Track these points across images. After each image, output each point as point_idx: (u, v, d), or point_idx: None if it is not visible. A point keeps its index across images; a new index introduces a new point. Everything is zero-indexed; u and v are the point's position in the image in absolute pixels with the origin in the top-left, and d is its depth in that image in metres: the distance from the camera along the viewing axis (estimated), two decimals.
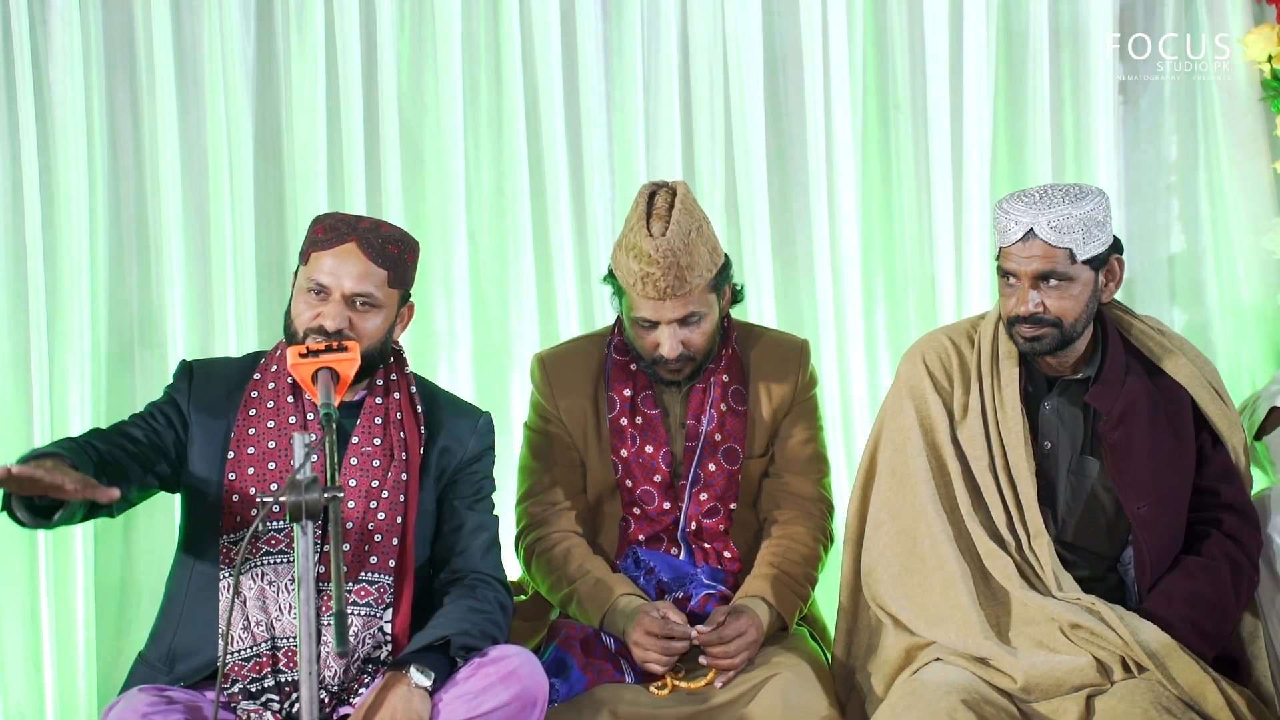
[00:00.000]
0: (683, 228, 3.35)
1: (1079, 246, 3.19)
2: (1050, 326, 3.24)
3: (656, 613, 3.36)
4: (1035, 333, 3.25)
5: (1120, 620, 3.15)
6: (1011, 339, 3.32)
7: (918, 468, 3.36)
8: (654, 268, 3.33)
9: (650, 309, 3.41)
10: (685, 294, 3.38)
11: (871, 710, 3.25)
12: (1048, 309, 3.23)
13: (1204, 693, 3.07)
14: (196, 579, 3.11)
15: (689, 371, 3.50)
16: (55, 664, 4.09)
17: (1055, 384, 3.37)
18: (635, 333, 3.49)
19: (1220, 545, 3.30)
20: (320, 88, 4.23)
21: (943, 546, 3.29)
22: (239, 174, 4.20)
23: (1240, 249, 4.43)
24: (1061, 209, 3.18)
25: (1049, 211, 3.18)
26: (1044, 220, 3.18)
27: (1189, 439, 3.35)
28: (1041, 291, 3.22)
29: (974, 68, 4.41)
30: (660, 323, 3.42)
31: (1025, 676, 3.11)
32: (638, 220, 3.38)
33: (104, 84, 4.17)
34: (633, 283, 3.39)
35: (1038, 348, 3.28)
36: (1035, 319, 3.24)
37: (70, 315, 4.11)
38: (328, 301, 3.10)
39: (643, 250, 3.34)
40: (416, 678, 2.95)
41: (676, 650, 3.35)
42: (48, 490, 2.67)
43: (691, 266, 3.36)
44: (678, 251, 3.34)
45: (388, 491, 3.15)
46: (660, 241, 3.33)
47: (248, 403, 3.17)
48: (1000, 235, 3.26)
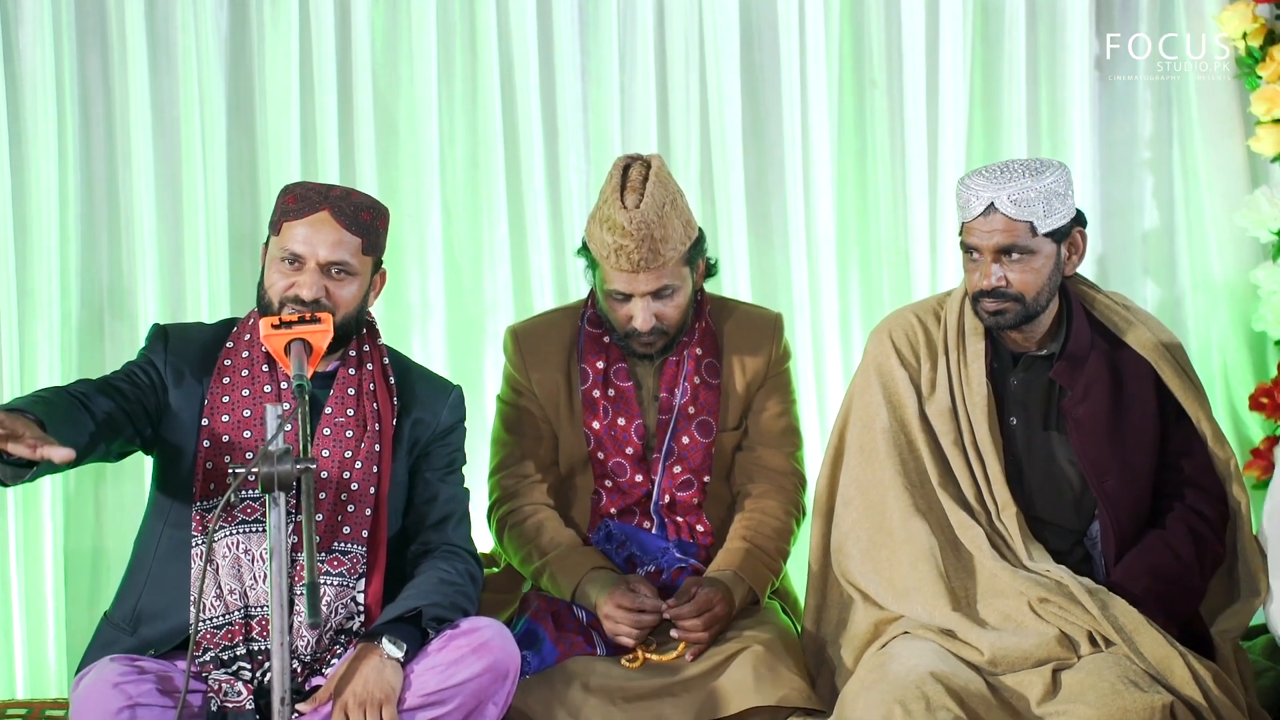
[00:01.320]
0: (657, 200, 3.35)
1: (1039, 220, 3.22)
2: (1013, 300, 3.27)
3: (627, 586, 3.37)
4: (998, 306, 3.27)
5: (1088, 594, 3.17)
6: (976, 314, 3.34)
7: (886, 444, 3.37)
8: (628, 240, 3.33)
9: (623, 281, 3.41)
10: (659, 267, 3.38)
11: (841, 683, 3.26)
12: (1010, 283, 3.26)
13: (1171, 667, 3.09)
14: (166, 542, 3.10)
15: (661, 345, 3.50)
16: (25, 634, 4.08)
17: (1020, 360, 3.39)
18: (608, 305, 3.48)
19: (1184, 518, 3.33)
20: (294, 57, 4.21)
21: (911, 520, 3.31)
22: (211, 143, 4.18)
23: (1213, 225, 4.46)
24: (1022, 182, 3.21)
25: (1009, 185, 3.21)
26: (1004, 194, 3.20)
27: (1152, 414, 3.37)
28: (1004, 265, 3.25)
29: (950, 43, 4.41)
30: (634, 295, 3.42)
31: (992, 650, 3.13)
32: (612, 192, 3.38)
33: (75, 52, 4.14)
34: (606, 255, 3.39)
35: (1001, 322, 3.30)
36: (998, 293, 3.26)
37: (41, 285, 4.09)
38: (302, 271, 3.09)
39: (616, 222, 3.33)
40: (388, 649, 2.96)
41: (647, 624, 3.35)
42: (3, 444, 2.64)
43: (665, 239, 3.36)
44: (651, 224, 3.33)
45: (360, 462, 3.14)
46: (634, 214, 3.32)
47: (222, 370, 3.16)
48: (962, 210, 3.29)
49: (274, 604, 2.61)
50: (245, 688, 2.99)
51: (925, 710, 2.98)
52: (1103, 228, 4.48)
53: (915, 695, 3.00)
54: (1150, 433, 3.36)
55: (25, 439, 2.63)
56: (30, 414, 2.74)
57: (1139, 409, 3.36)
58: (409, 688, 2.96)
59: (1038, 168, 3.24)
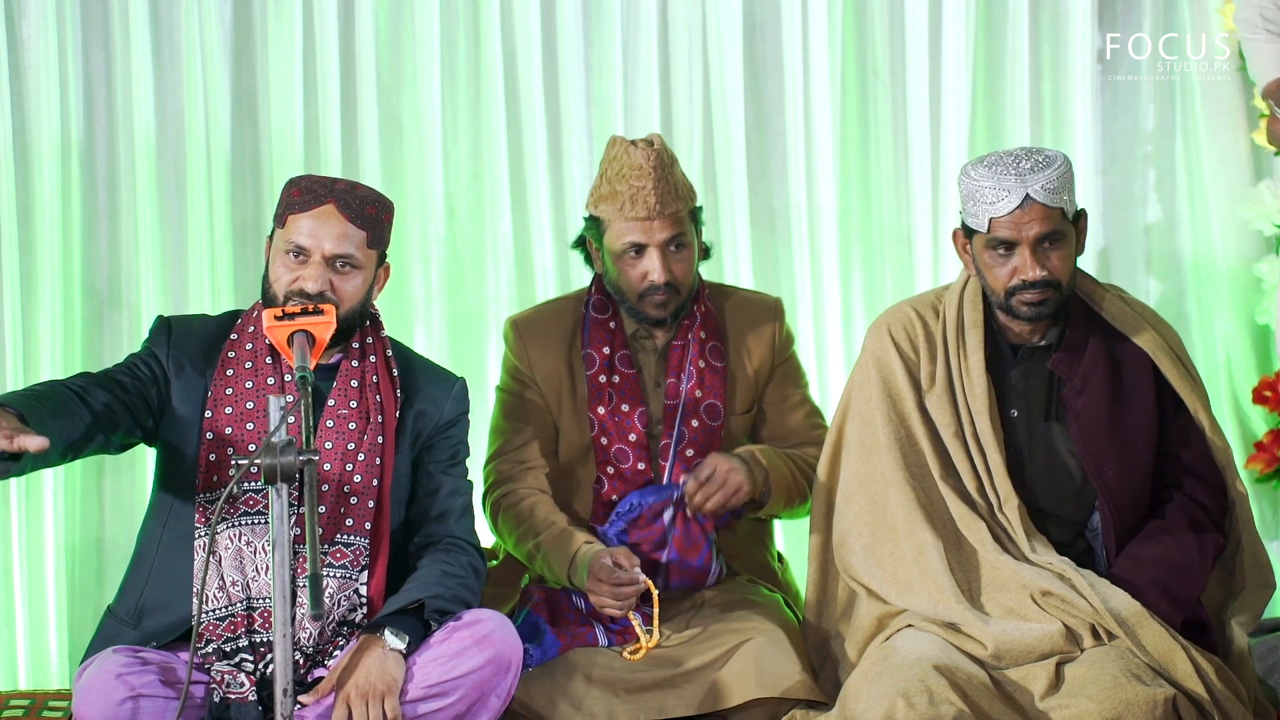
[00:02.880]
0: (667, 149, 3.52)
1: (1068, 205, 3.25)
2: (1053, 289, 3.26)
3: (608, 559, 3.36)
4: (1040, 297, 3.25)
5: (1090, 587, 3.17)
6: (1008, 312, 3.31)
7: (886, 438, 3.37)
8: (645, 180, 3.44)
9: (640, 231, 3.47)
10: (673, 213, 3.48)
11: (844, 676, 3.26)
12: (1051, 271, 3.24)
13: (1173, 660, 3.09)
14: (169, 534, 3.10)
15: (674, 308, 3.53)
16: (27, 625, 4.08)
17: (1020, 351, 3.39)
18: (620, 269, 3.52)
19: (1183, 508, 3.33)
20: (297, 49, 4.21)
21: (913, 514, 3.31)
22: (215, 136, 4.18)
23: (1216, 218, 4.45)
24: (1046, 172, 3.21)
25: (1037, 175, 3.20)
26: (1037, 184, 3.20)
27: (1150, 405, 3.37)
28: (1039, 255, 3.24)
29: (953, 35, 4.41)
30: (649, 246, 3.47)
31: (995, 643, 3.13)
32: (622, 148, 3.50)
33: (79, 43, 4.14)
34: (621, 206, 3.46)
35: (1043, 312, 3.29)
36: (1041, 283, 3.24)
37: (44, 276, 4.09)
38: (308, 264, 3.09)
39: (634, 163, 3.46)
40: (391, 641, 2.96)
41: (628, 594, 3.34)
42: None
43: (678, 184, 3.51)
44: (666, 165, 3.48)
45: (364, 454, 3.14)
46: (650, 152, 3.46)
47: (225, 362, 3.16)
48: (987, 207, 3.23)
49: (276, 596, 2.61)
50: (248, 679, 2.99)
51: (928, 703, 2.98)
52: (1105, 220, 4.48)
53: (919, 688, 3.00)
54: (1149, 423, 3.36)
55: (1, 430, 2.64)
56: (11, 409, 2.75)
57: (1138, 400, 3.36)
58: (411, 679, 2.96)
59: (1051, 156, 3.24)
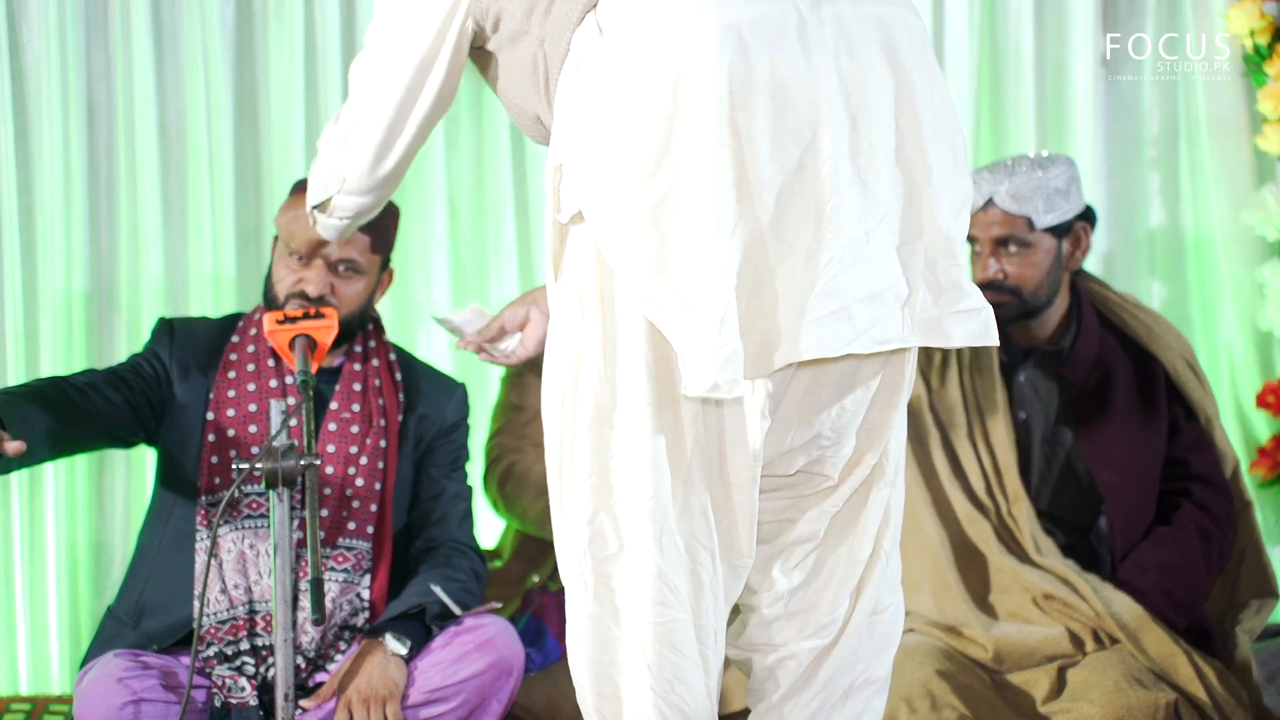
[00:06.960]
0: None
1: (1038, 215, 3.26)
2: (1010, 294, 3.29)
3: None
4: (995, 299, 3.28)
5: (1093, 591, 3.17)
6: None
7: None
8: None
9: None
10: None
11: None
12: (1007, 276, 3.28)
13: (1175, 664, 3.09)
14: (170, 536, 3.10)
15: None
16: (28, 629, 4.07)
17: (1031, 354, 3.39)
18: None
19: (1191, 515, 3.33)
20: (299, 51, 4.20)
21: (919, 513, 3.31)
22: (217, 138, 4.17)
23: (1220, 224, 4.44)
24: (1022, 177, 3.25)
25: (1009, 180, 3.26)
26: (1003, 189, 3.26)
27: (1161, 412, 3.37)
28: (1001, 258, 3.29)
29: (955, 38, 4.40)
30: None
31: (997, 646, 3.13)
32: None
33: (80, 46, 4.13)
34: None
35: (999, 315, 3.30)
36: (994, 285, 3.29)
37: (46, 278, 4.08)
38: (310, 267, 3.08)
39: None
40: (393, 645, 2.95)
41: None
42: None
43: None
44: None
45: (366, 458, 3.14)
46: None
47: (227, 365, 3.16)
48: None
49: (278, 600, 2.61)
50: (249, 683, 2.99)
51: (931, 708, 2.98)
52: (1109, 225, 4.47)
53: (921, 693, 3.00)
54: (1159, 430, 3.37)
55: None
56: None
57: (1147, 406, 3.36)
58: (413, 684, 2.96)
59: (1043, 162, 3.28)
